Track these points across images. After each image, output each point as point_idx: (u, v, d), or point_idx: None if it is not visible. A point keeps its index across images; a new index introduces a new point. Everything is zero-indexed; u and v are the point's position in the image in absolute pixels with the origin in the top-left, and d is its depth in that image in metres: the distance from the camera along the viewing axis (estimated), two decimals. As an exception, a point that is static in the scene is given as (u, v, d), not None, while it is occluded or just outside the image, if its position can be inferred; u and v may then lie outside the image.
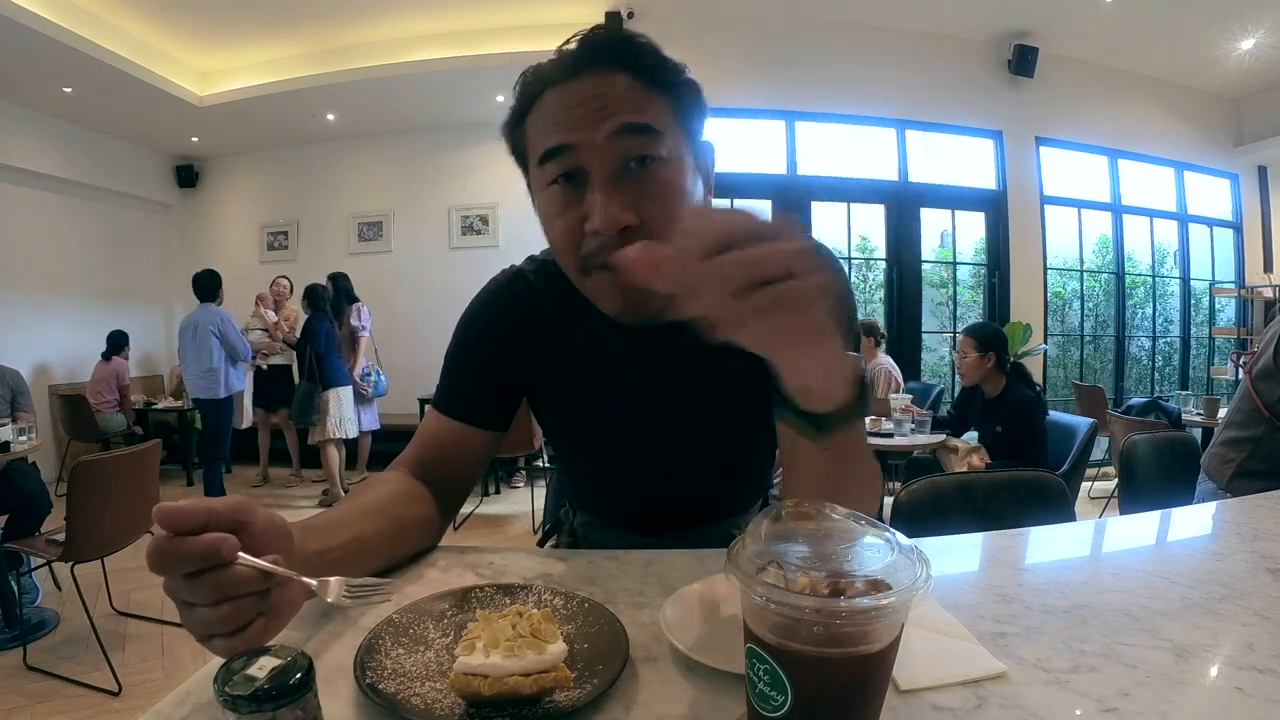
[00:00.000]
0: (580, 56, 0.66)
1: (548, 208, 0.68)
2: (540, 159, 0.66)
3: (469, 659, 0.45)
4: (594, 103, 0.64)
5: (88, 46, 4.21)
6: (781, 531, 0.40)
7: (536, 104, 0.67)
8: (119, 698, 2.18)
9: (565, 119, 0.64)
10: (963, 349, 2.95)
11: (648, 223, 0.64)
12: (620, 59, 0.66)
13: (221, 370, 4.18)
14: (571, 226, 0.65)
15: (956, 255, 5.45)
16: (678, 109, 0.68)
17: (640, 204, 0.63)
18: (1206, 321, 6.14)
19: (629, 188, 0.63)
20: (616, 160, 0.63)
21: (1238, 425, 1.67)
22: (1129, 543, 0.91)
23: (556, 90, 0.66)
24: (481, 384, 0.83)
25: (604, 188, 0.63)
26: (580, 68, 0.65)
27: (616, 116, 0.63)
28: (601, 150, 0.63)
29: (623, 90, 0.64)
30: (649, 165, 0.64)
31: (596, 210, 0.63)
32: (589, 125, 0.63)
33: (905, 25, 4.80)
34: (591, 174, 0.64)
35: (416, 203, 6.05)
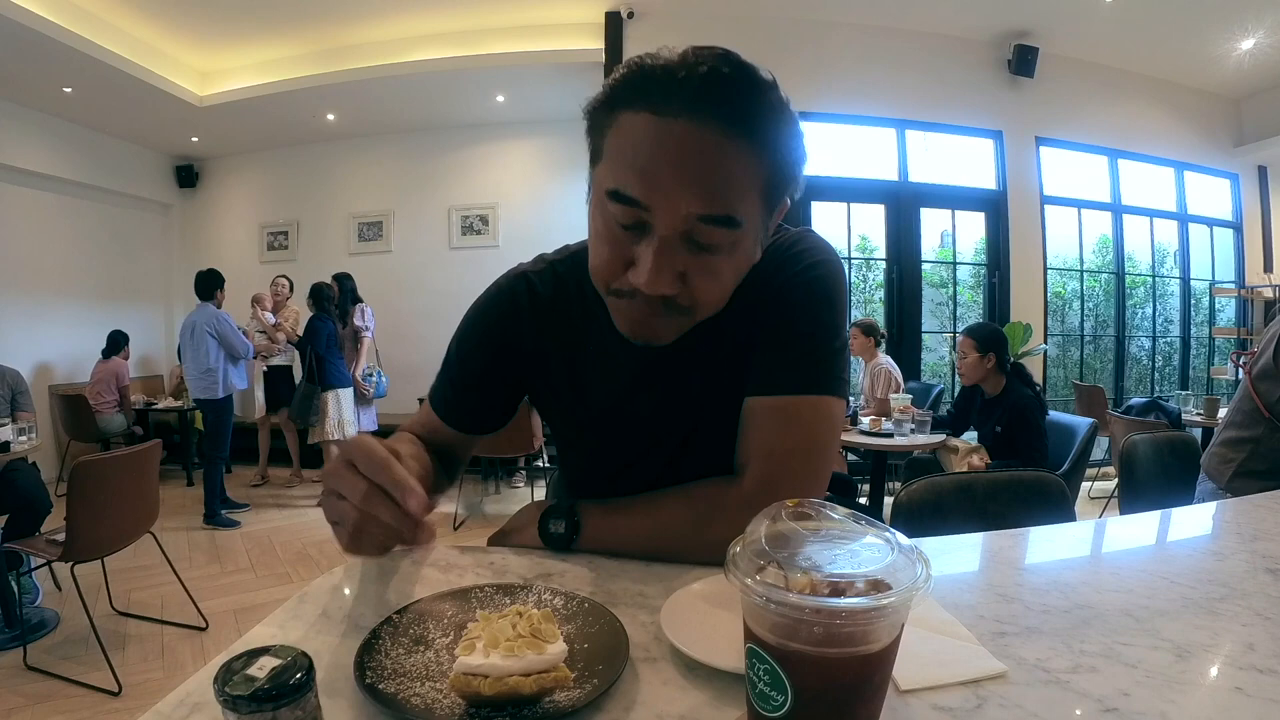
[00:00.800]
0: (699, 96, 0.57)
1: (599, 225, 0.64)
2: (609, 192, 0.60)
3: (469, 659, 0.45)
4: (688, 170, 0.57)
5: (88, 46, 4.21)
6: (781, 531, 0.40)
7: (629, 112, 0.59)
8: (119, 698, 2.18)
9: (648, 170, 0.58)
10: (962, 349, 2.95)
11: (690, 291, 0.62)
12: (735, 115, 0.57)
13: (220, 370, 4.17)
14: (615, 260, 0.63)
15: (956, 255, 5.45)
16: (771, 183, 0.61)
17: (689, 277, 0.61)
18: (1206, 321, 6.14)
19: (684, 259, 0.61)
20: (683, 234, 0.60)
21: (1238, 425, 1.67)
22: (1129, 543, 0.91)
23: (656, 120, 0.57)
24: (479, 394, 0.84)
25: (660, 252, 0.59)
26: (694, 110, 0.57)
27: (704, 204, 0.58)
28: (674, 221, 0.58)
29: (722, 163, 0.57)
30: (713, 251, 0.61)
31: (644, 268, 0.60)
32: (672, 193, 0.58)
33: (905, 25, 4.80)
34: (654, 230, 0.59)
35: (416, 203, 6.05)
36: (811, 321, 0.72)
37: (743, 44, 0.59)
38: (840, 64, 4.76)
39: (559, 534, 0.74)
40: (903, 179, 5.07)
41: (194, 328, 4.17)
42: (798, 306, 0.72)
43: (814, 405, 0.71)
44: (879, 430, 3.16)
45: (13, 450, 2.91)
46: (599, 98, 0.63)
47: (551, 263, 0.83)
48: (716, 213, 0.58)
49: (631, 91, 0.59)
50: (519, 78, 4.98)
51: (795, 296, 0.72)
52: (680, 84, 0.57)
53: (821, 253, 0.75)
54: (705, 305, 0.64)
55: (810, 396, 0.71)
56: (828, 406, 0.72)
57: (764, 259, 0.73)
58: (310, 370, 4.55)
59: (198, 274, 4.29)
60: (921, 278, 5.24)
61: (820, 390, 0.71)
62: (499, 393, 0.84)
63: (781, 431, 0.70)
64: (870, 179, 5.09)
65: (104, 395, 5.01)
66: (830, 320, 0.73)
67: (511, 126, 5.84)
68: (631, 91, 0.59)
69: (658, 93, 0.58)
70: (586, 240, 0.82)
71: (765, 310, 0.73)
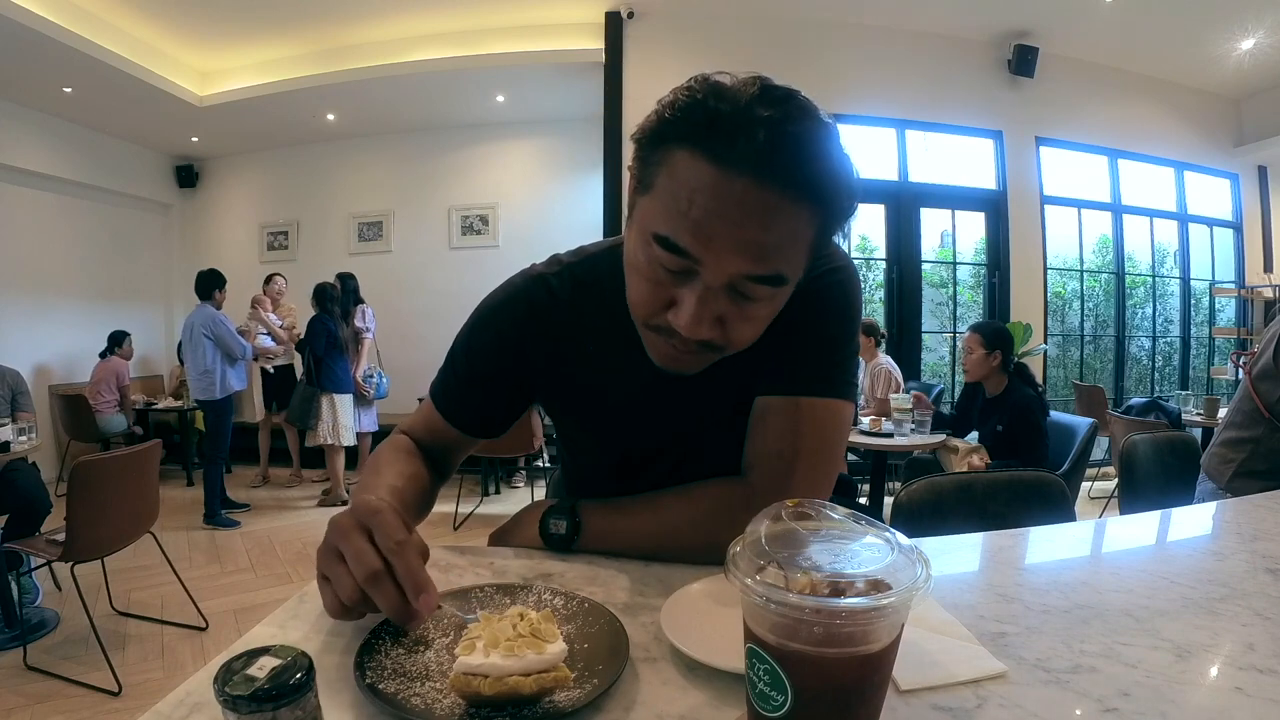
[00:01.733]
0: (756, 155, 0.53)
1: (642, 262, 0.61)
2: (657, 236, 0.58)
3: (469, 659, 0.45)
4: (741, 230, 0.55)
5: (88, 46, 4.21)
6: (781, 531, 0.40)
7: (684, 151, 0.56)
8: (119, 698, 2.18)
9: (702, 224, 0.55)
10: (969, 345, 2.95)
11: (727, 336, 0.62)
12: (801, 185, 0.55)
13: (217, 371, 4.15)
14: (655, 300, 0.62)
15: (956, 255, 5.46)
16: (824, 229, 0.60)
17: (729, 319, 0.61)
18: (1206, 321, 6.14)
19: (725, 306, 0.60)
20: (727, 283, 0.58)
21: (1238, 425, 1.67)
22: (1129, 543, 0.91)
23: (711, 172, 0.54)
24: (487, 394, 0.82)
25: (704, 300, 0.58)
26: (758, 172, 0.54)
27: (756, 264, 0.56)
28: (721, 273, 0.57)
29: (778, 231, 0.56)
30: (756, 301, 0.60)
31: (685, 313, 0.59)
32: (722, 253, 0.56)
33: (905, 25, 4.80)
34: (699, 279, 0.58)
35: (416, 203, 6.05)
36: (827, 326, 0.73)
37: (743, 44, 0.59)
38: (840, 64, 4.76)
39: (559, 534, 0.75)
40: (903, 179, 5.07)
41: (192, 329, 4.17)
42: (814, 311, 0.72)
43: (826, 408, 0.71)
44: (879, 430, 3.16)
45: (13, 450, 2.91)
46: (651, 127, 0.59)
47: (568, 265, 0.81)
48: (767, 273, 0.57)
49: (689, 129, 0.55)
50: (519, 78, 4.98)
51: (812, 301, 0.72)
52: (745, 136, 0.53)
53: (838, 259, 0.75)
54: (739, 345, 0.64)
55: (822, 399, 0.71)
56: (839, 409, 0.72)
57: None
58: (309, 371, 4.55)
59: (198, 274, 4.28)
60: (921, 278, 5.24)
61: (832, 394, 0.72)
62: (507, 394, 0.83)
63: (793, 432, 0.70)
64: (870, 179, 5.08)
65: (104, 395, 5.01)
66: (846, 325, 0.74)
67: (511, 126, 5.84)
68: (689, 129, 0.55)
69: (720, 141, 0.54)
70: (602, 242, 0.82)
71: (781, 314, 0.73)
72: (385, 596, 0.52)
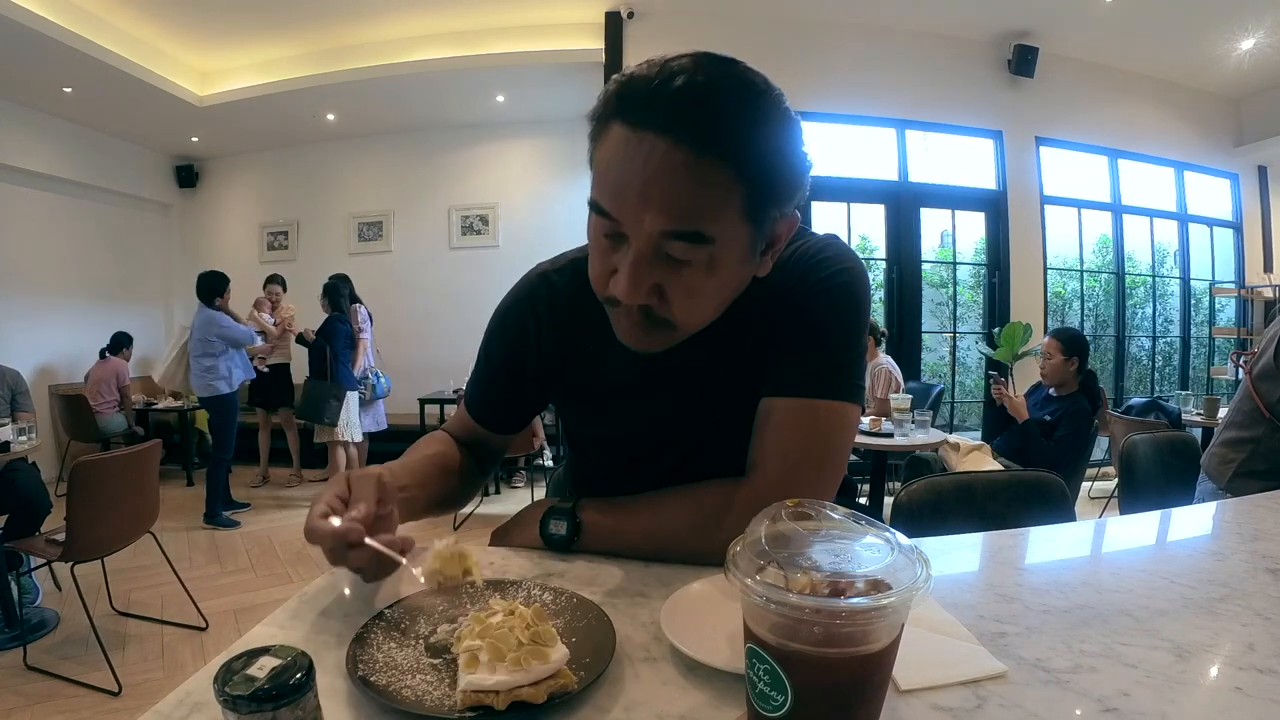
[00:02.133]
0: (662, 113, 0.56)
1: (591, 234, 0.65)
2: (591, 201, 0.62)
3: (476, 678, 0.45)
4: (651, 187, 0.56)
5: (88, 46, 4.20)
6: (781, 531, 0.40)
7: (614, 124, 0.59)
8: (119, 698, 2.18)
9: (618, 185, 0.58)
10: (1048, 350, 3.05)
11: (668, 305, 0.63)
12: (705, 137, 0.55)
13: (220, 366, 4.14)
14: (602, 270, 0.64)
15: (956, 255, 5.45)
16: (752, 199, 0.59)
17: (666, 288, 0.62)
18: (1206, 321, 6.13)
19: (660, 272, 0.61)
20: (654, 248, 0.60)
21: (1238, 425, 1.67)
22: (1129, 543, 0.91)
23: (629, 133, 0.57)
24: (503, 393, 0.87)
25: (634, 264, 0.60)
26: (660, 125, 0.56)
27: (667, 219, 0.57)
28: (642, 233, 0.58)
29: (690, 184, 0.56)
30: (688, 265, 0.61)
31: (620, 278, 0.61)
32: (637, 208, 0.58)
33: (905, 25, 4.80)
34: (629, 241, 0.60)
35: (416, 203, 6.05)
36: (834, 327, 0.73)
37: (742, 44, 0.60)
38: (840, 64, 4.76)
39: (559, 535, 0.75)
40: (903, 179, 5.07)
41: (192, 333, 4.19)
42: (821, 312, 0.73)
43: (832, 410, 0.71)
44: (879, 430, 3.16)
45: (13, 450, 2.91)
46: (595, 110, 0.63)
47: (573, 260, 0.82)
48: (683, 228, 0.58)
49: (616, 103, 0.59)
50: (519, 78, 4.98)
51: (819, 302, 0.73)
52: (652, 98, 0.56)
53: (847, 260, 0.75)
54: (685, 321, 0.65)
55: (829, 401, 0.71)
56: (846, 412, 0.72)
57: (788, 266, 0.74)
58: (329, 369, 4.53)
59: (199, 276, 4.24)
60: (921, 278, 5.24)
61: (839, 396, 0.71)
62: (521, 391, 0.86)
63: (799, 434, 0.70)
64: (870, 179, 5.09)
65: (103, 395, 5.01)
66: (853, 327, 0.74)
67: (511, 126, 5.84)
68: (616, 103, 0.59)
69: (635, 106, 0.57)
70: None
71: (788, 315, 0.73)
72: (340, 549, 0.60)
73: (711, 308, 0.66)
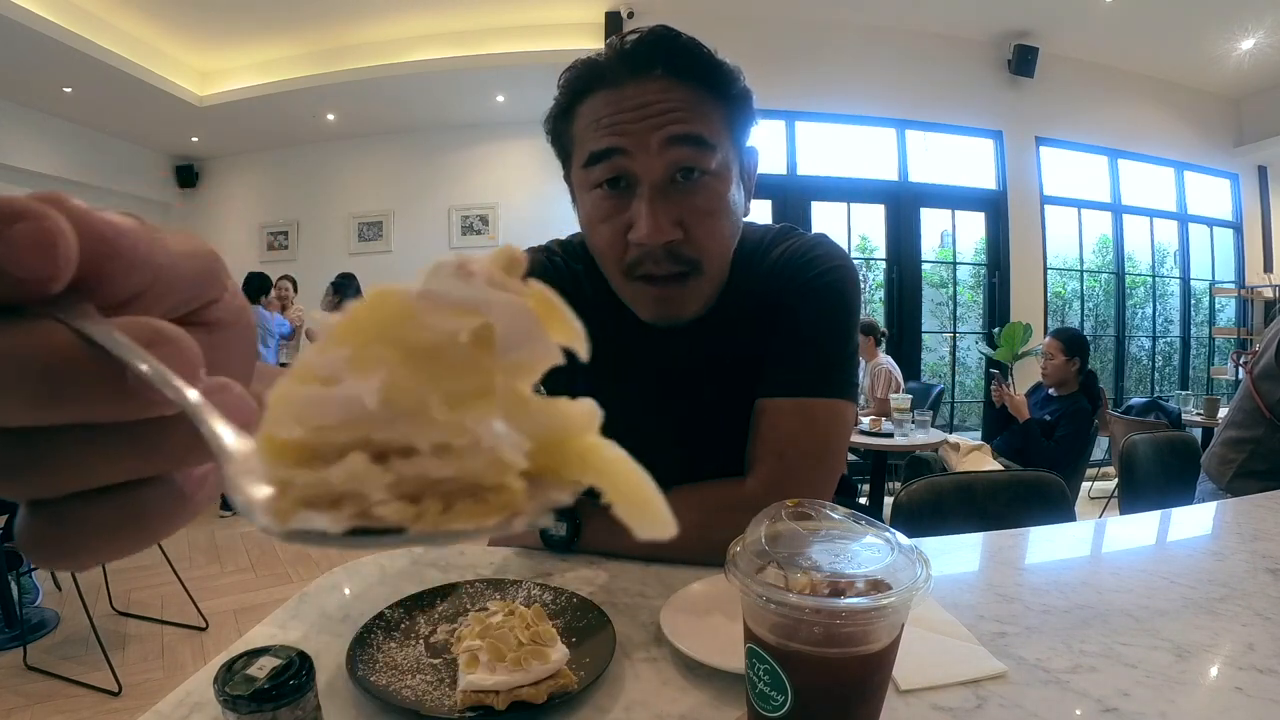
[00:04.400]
0: (637, 59, 0.64)
1: (591, 212, 0.67)
2: (587, 161, 0.65)
3: (477, 678, 0.45)
4: (649, 109, 0.62)
5: (88, 46, 4.20)
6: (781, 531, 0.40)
7: (586, 100, 0.65)
8: (119, 698, 2.18)
9: (618, 122, 0.63)
10: (1049, 351, 3.05)
11: (691, 239, 0.64)
12: (678, 65, 0.64)
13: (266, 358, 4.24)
14: (616, 234, 0.65)
15: (956, 255, 5.45)
16: (731, 118, 0.67)
17: (686, 218, 0.63)
18: (1206, 321, 6.13)
19: (676, 200, 0.63)
20: (666, 170, 0.62)
21: (1239, 425, 1.67)
22: (1129, 543, 0.91)
23: (610, 92, 0.64)
24: None
25: (651, 198, 0.62)
26: (637, 70, 0.64)
27: (671, 126, 0.62)
28: (652, 158, 0.62)
29: (679, 99, 0.63)
30: (697, 179, 0.64)
31: (642, 220, 0.62)
32: (642, 131, 0.62)
33: (905, 25, 4.79)
34: (639, 182, 0.63)
35: (416, 203, 6.05)
36: (826, 326, 0.73)
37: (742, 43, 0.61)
38: (840, 64, 4.75)
39: (559, 537, 0.74)
40: (903, 179, 5.07)
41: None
42: (813, 311, 0.73)
43: (827, 408, 0.71)
44: (879, 430, 3.16)
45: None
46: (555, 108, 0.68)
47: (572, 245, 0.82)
48: (690, 131, 0.62)
49: (583, 84, 0.65)
50: (519, 78, 4.98)
51: (810, 301, 0.73)
52: (620, 57, 0.64)
53: (837, 259, 0.76)
54: (709, 251, 0.66)
55: (824, 400, 0.71)
56: (840, 409, 0.72)
57: (778, 266, 0.74)
58: None
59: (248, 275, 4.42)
60: (921, 278, 5.24)
61: (833, 394, 0.72)
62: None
63: (794, 432, 0.70)
64: (870, 179, 5.09)
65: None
66: (844, 325, 0.74)
67: (511, 126, 5.84)
68: (583, 84, 0.65)
69: (605, 73, 0.64)
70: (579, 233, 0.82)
71: (780, 315, 0.74)
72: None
73: (725, 237, 0.68)
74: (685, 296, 0.67)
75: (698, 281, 0.67)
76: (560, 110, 0.68)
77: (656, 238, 0.62)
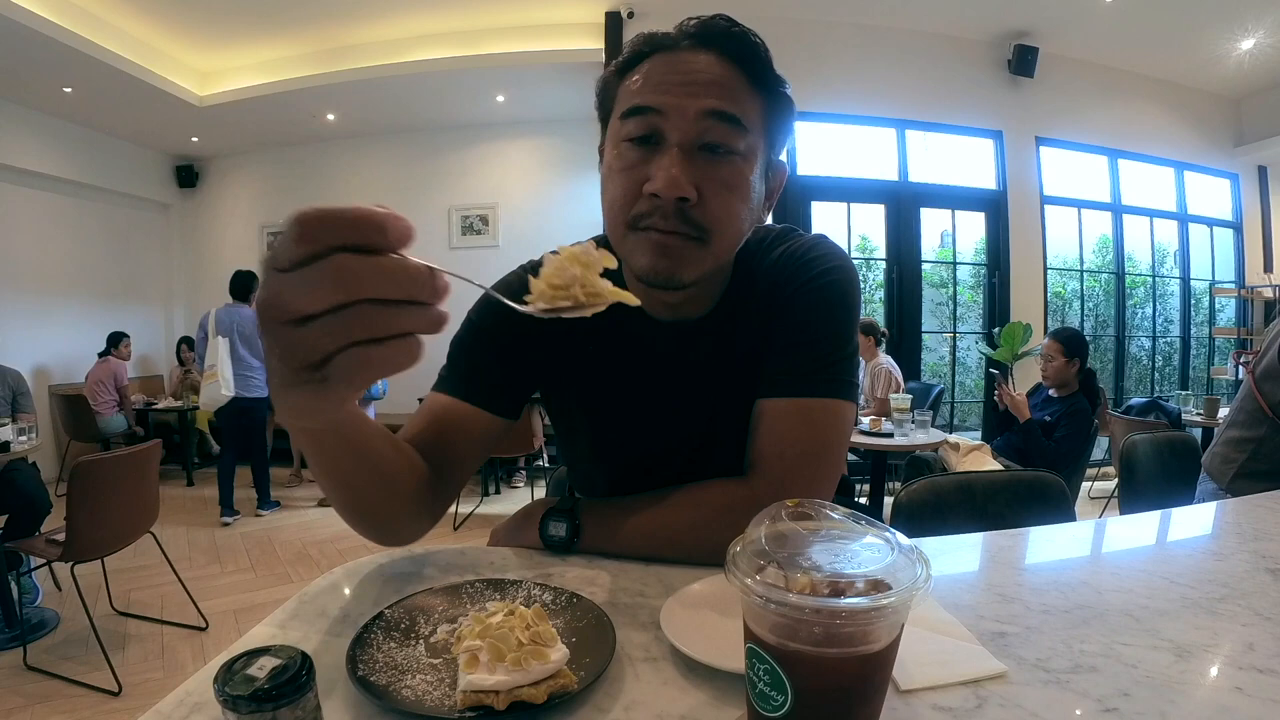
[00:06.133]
0: (699, 34, 0.68)
1: (614, 162, 0.68)
2: (625, 113, 0.67)
3: (476, 678, 0.45)
4: (695, 78, 0.66)
5: (88, 46, 4.20)
6: (781, 531, 0.40)
7: (641, 63, 0.69)
8: (119, 698, 2.18)
9: (663, 82, 0.66)
10: (1049, 352, 3.05)
11: (704, 205, 0.65)
12: (733, 50, 0.68)
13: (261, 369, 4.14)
14: (632, 184, 0.66)
15: (956, 255, 5.45)
16: (769, 115, 0.70)
17: (703, 184, 0.65)
18: (1206, 321, 6.13)
19: (699, 165, 0.65)
20: (697, 136, 0.65)
21: (1240, 425, 1.67)
22: (1129, 543, 0.91)
23: (665, 56, 0.68)
24: (499, 366, 0.78)
25: (676, 155, 0.64)
26: (695, 43, 0.68)
27: (711, 99, 0.65)
28: (687, 124, 0.65)
29: (725, 77, 0.67)
30: (724, 155, 0.66)
31: (661, 171, 0.64)
32: (684, 95, 0.65)
33: (905, 25, 4.79)
34: (668, 140, 0.65)
35: (416, 203, 6.05)
36: (825, 326, 0.73)
37: None
38: (840, 64, 4.75)
39: (559, 537, 0.74)
40: (903, 179, 5.07)
41: (233, 326, 4.11)
42: (812, 311, 0.73)
43: (826, 408, 0.71)
44: (879, 430, 3.16)
45: (13, 450, 2.91)
46: (612, 68, 0.71)
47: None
48: (725, 109, 0.65)
49: (646, 48, 0.69)
50: (519, 78, 4.98)
51: (809, 301, 0.73)
52: (682, 29, 0.69)
53: (836, 259, 0.76)
54: (721, 227, 0.67)
55: (823, 400, 0.71)
56: (840, 410, 0.72)
57: (777, 266, 0.74)
58: None
59: (236, 273, 4.26)
60: (921, 278, 5.24)
61: (833, 394, 0.72)
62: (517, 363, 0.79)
63: (794, 433, 0.70)
64: (870, 179, 5.09)
65: (102, 396, 5.00)
66: (844, 325, 0.74)
67: (511, 126, 5.84)
68: (646, 48, 0.69)
69: (664, 41, 0.69)
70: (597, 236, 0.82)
71: (779, 315, 0.74)
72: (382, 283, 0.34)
73: (738, 218, 0.68)
74: (686, 254, 0.66)
75: (701, 250, 0.67)
76: (617, 69, 0.71)
77: (672, 190, 0.63)
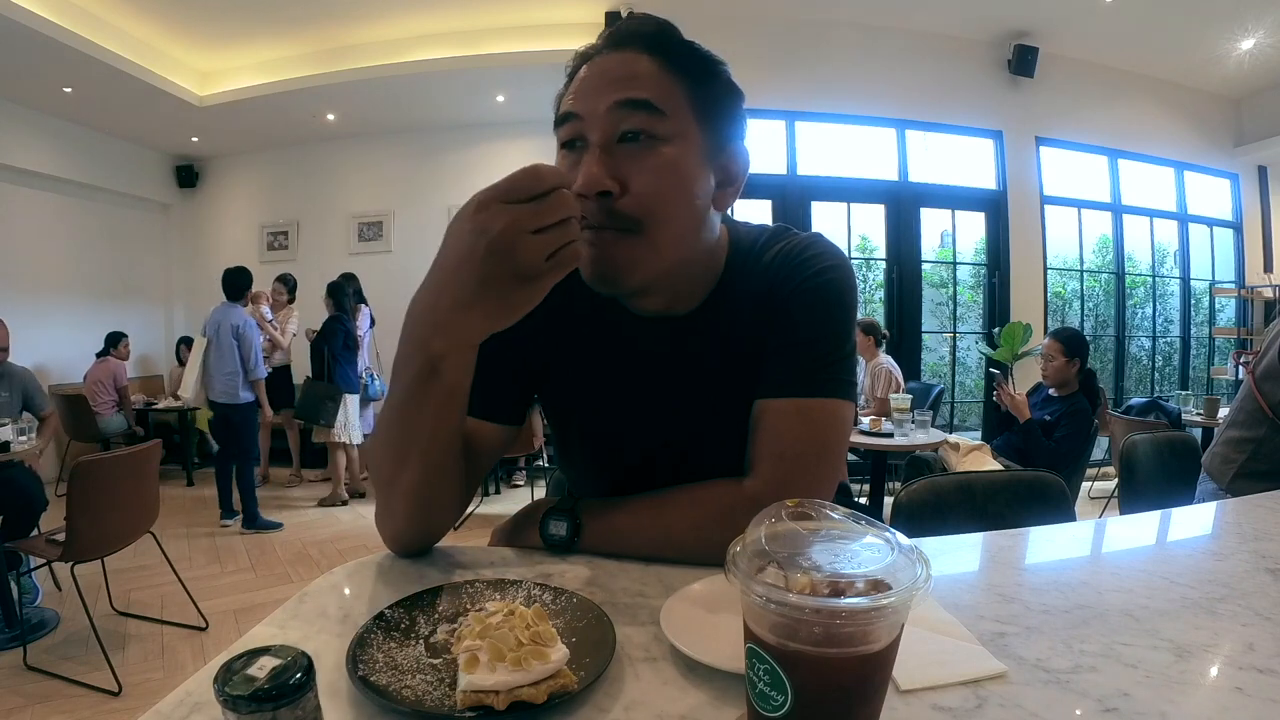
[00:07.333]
0: (613, 36, 0.71)
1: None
2: (555, 125, 0.71)
3: (476, 678, 0.45)
4: (607, 76, 0.68)
5: (88, 46, 4.20)
6: (781, 532, 0.40)
7: (574, 77, 0.72)
8: (119, 698, 2.18)
9: (579, 89, 0.69)
10: (1049, 352, 3.05)
11: (631, 195, 0.66)
12: (647, 42, 0.69)
13: (240, 375, 4.04)
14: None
15: (956, 255, 5.46)
16: (696, 98, 0.70)
17: (626, 174, 0.66)
18: (1206, 321, 6.14)
19: (619, 157, 0.66)
20: (611, 130, 0.66)
21: (1240, 425, 1.66)
22: (1129, 543, 0.91)
23: (589, 64, 0.71)
24: (498, 376, 0.78)
25: (593, 153, 0.66)
26: (609, 46, 0.70)
27: (621, 91, 0.66)
28: (600, 119, 0.66)
29: (639, 69, 0.68)
30: (645, 141, 0.66)
31: (582, 170, 0.65)
32: (595, 96, 0.67)
33: (905, 25, 4.80)
34: (589, 140, 0.67)
35: (416, 203, 6.05)
36: (823, 326, 0.73)
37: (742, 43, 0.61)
38: (840, 64, 4.75)
39: (560, 537, 0.74)
40: (903, 179, 5.07)
41: (219, 326, 4.00)
42: (809, 311, 0.73)
43: (825, 408, 0.71)
44: (879, 430, 3.16)
45: (12, 450, 2.91)
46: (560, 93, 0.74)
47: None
48: (634, 96, 0.66)
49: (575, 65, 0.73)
50: (519, 78, 4.98)
51: (806, 301, 0.73)
52: (606, 35, 0.72)
53: (832, 258, 0.75)
54: (654, 215, 0.67)
55: (822, 400, 0.71)
56: (839, 409, 0.72)
57: (773, 266, 0.74)
58: (326, 370, 4.51)
59: (226, 271, 4.13)
60: (921, 278, 5.25)
61: (831, 394, 0.71)
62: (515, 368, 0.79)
63: (793, 433, 0.70)
64: (870, 179, 5.09)
65: (101, 396, 5.00)
66: (841, 325, 0.74)
67: (511, 126, 5.84)
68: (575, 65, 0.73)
69: (589, 51, 0.72)
70: None
71: (776, 315, 0.74)
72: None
73: (672, 203, 0.68)
74: (619, 250, 0.67)
75: (636, 242, 0.67)
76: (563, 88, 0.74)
77: (590, 186, 0.64)
